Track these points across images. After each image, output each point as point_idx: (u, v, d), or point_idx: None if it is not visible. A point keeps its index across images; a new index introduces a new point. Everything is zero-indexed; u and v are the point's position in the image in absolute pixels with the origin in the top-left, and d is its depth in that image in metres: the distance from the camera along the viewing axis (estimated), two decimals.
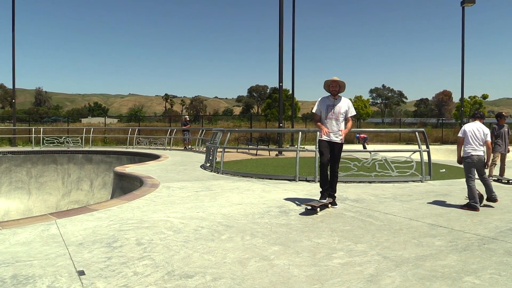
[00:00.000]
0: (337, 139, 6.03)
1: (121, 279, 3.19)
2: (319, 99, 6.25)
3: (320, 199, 5.91)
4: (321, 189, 6.02)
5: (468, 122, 6.56)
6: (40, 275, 3.26)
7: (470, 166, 6.26)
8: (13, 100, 25.37)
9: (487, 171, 6.78)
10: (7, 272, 3.30)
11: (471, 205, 5.97)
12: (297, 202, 6.47)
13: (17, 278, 3.18)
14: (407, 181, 8.87)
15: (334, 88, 6.07)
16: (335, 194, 6.24)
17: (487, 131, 6.37)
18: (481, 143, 6.25)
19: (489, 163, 6.51)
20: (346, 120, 6.18)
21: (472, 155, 6.22)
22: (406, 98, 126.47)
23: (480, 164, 6.27)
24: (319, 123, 6.19)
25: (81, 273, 3.31)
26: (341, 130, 6.03)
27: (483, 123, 6.51)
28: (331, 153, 6.03)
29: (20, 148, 21.03)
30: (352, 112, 6.17)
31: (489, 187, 6.33)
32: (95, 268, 3.42)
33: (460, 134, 6.44)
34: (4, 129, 29.21)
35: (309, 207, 5.70)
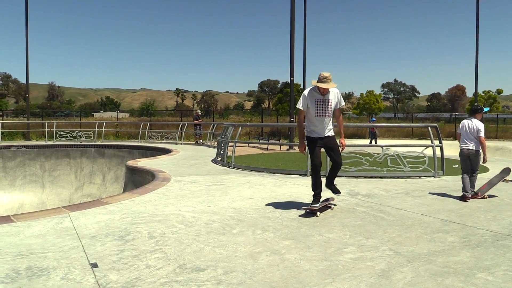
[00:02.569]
0: (329, 132, 5.32)
1: (134, 271, 3.22)
2: (306, 92, 5.25)
3: (312, 204, 5.23)
4: (313, 193, 5.34)
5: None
6: (54, 267, 3.30)
7: (461, 159, 6.68)
8: (27, 95, 25.68)
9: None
10: (22, 264, 3.36)
11: (462, 195, 6.32)
12: (308, 196, 6.46)
13: (32, 270, 3.23)
14: (419, 177, 8.80)
15: (324, 92, 5.16)
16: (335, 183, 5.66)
17: (481, 127, 6.44)
18: (472, 138, 6.46)
19: (486, 158, 6.61)
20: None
21: (462, 149, 6.57)
22: (418, 92, 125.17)
23: (472, 159, 6.50)
24: (301, 127, 5.46)
25: (94, 265, 3.35)
26: (342, 143, 5.48)
27: (481, 118, 6.66)
28: (327, 148, 5.36)
29: (33, 142, 21.29)
30: (342, 103, 5.35)
31: (470, 184, 6.42)
32: (107, 261, 3.46)
33: (457, 130, 6.76)
34: (18, 123, 29.59)
35: (307, 210, 5.23)
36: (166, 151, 16.00)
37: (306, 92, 5.26)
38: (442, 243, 4.02)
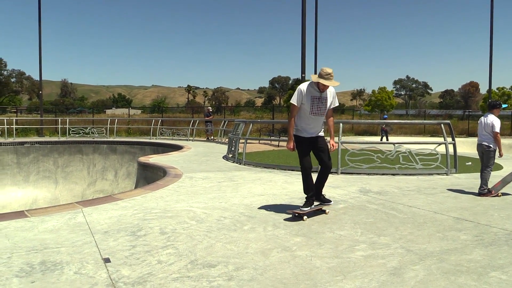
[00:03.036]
0: (320, 133, 5.01)
1: (146, 267, 3.25)
2: (303, 87, 4.82)
3: (302, 207, 4.91)
4: (306, 196, 5.04)
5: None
6: (67, 261, 3.34)
7: (478, 155, 6.78)
8: (40, 92, 26.00)
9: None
10: (36, 258, 3.41)
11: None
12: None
13: (45, 264, 3.27)
14: (431, 174, 8.72)
15: (324, 89, 4.80)
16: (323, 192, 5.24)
17: (496, 122, 6.42)
18: (486, 134, 6.50)
19: (502, 152, 6.61)
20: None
21: (477, 144, 6.69)
22: (431, 89, 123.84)
23: (485, 154, 6.54)
24: (292, 123, 4.89)
25: (107, 260, 3.38)
26: (333, 145, 5.08)
27: (498, 114, 6.65)
28: (317, 149, 4.99)
29: (47, 139, 21.54)
30: (336, 103, 5.00)
31: (482, 180, 6.48)
32: (120, 256, 3.49)
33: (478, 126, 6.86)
34: (31, 120, 29.95)
35: (296, 214, 4.83)
36: (178, 148, 16.07)
37: (303, 87, 4.82)
38: (454, 241, 3.99)
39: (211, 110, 23.91)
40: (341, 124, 9.55)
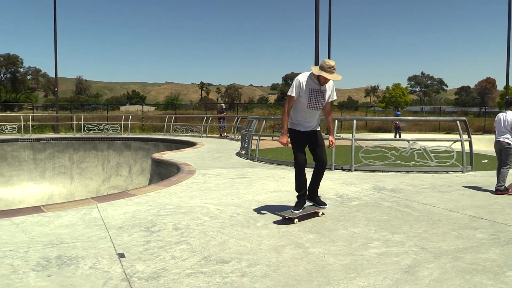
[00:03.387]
0: (316, 127, 4.77)
1: (159, 262, 3.27)
2: (302, 79, 4.49)
3: (293, 209, 4.60)
4: (297, 194, 4.75)
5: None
6: (82, 256, 3.39)
7: (495, 152, 6.69)
8: (56, 89, 26.34)
9: None
10: (52, 253, 3.46)
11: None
12: (333, 191, 6.42)
13: (61, 259, 3.32)
14: (447, 172, 8.62)
15: (326, 82, 4.51)
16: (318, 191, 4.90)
17: None
18: (505, 131, 6.43)
19: None
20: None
21: (495, 141, 6.60)
22: (446, 86, 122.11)
23: (503, 151, 6.45)
24: (287, 116, 4.57)
25: (121, 255, 3.42)
26: (332, 142, 4.90)
27: None
28: (312, 143, 4.71)
29: (62, 135, 21.83)
30: (334, 96, 4.71)
31: (500, 177, 6.40)
32: (134, 251, 3.52)
33: (494, 123, 6.75)
34: (47, 117, 30.36)
35: (286, 217, 4.53)
36: (191, 144, 16.14)
37: (302, 78, 4.48)
38: (470, 239, 3.94)
39: (224, 107, 23.95)
40: (354, 121, 9.48)
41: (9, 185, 17.36)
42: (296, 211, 4.55)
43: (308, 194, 4.80)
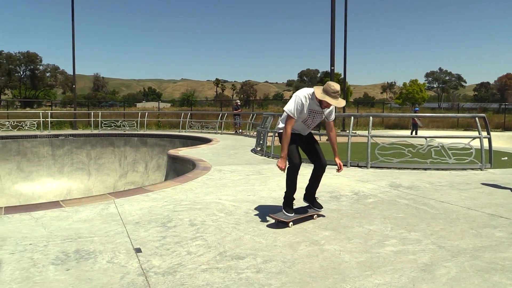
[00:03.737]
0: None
1: (175, 257, 3.30)
2: (304, 99, 4.19)
3: (287, 211, 4.30)
4: (287, 199, 4.39)
5: None
6: (100, 251, 3.44)
7: None
8: (73, 86, 26.70)
9: None
10: (70, 247, 3.52)
11: None
12: (348, 188, 6.38)
13: (80, 253, 3.38)
14: (465, 169, 8.49)
15: (328, 106, 4.26)
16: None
17: None
18: None
19: None
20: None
21: None
22: (465, 82, 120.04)
23: None
24: (287, 138, 4.18)
25: (138, 250, 3.46)
26: (340, 165, 4.54)
27: None
28: (306, 141, 4.53)
29: (80, 131, 22.14)
30: (333, 117, 4.48)
31: None
32: (150, 246, 3.56)
33: None
34: (65, 113, 30.84)
35: (279, 220, 4.26)
36: (206, 141, 16.21)
37: (304, 99, 4.20)
38: (489, 238, 3.87)
39: (239, 104, 23.99)
40: (370, 118, 9.40)
41: (29, 180, 17.69)
42: (290, 214, 4.29)
43: (306, 195, 4.62)
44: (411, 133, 21.24)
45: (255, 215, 4.69)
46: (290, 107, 4.19)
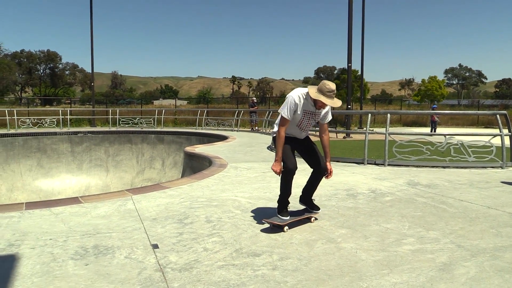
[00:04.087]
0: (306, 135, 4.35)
1: (192, 254, 3.33)
2: (298, 99, 4.01)
3: (281, 215, 4.09)
4: (280, 204, 4.17)
5: None
6: (118, 246, 3.48)
7: None
8: (92, 83, 27.04)
9: None
10: (89, 242, 3.57)
11: None
12: (366, 186, 6.33)
13: (98, 248, 3.42)
14: (485, 167, 8.33)
15: (323, 106, 4.07)
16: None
17: None
18: None
19: None
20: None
21: None
22: (485, 78, 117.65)
23: None
24: (282, 141, 4.01)
25: (155, 246, 3.49)
26: (330, 171, 4.28)
27: None
28: (304, 149, 4.32)
29: (98, 128, 22.44)
30: (329, 117, 4.26)
31: None
32: (167, 243, 3.59)
33: None
34: (84, 111, 31.29)
35: (274, 224, 4.03)
36: (223, 138, 16.26)
37: (298, 99, 4.01)
38: (510, 238, 3.79)
39: (255, 101, 24.01)
40: (388, 115, 9.29)
41: (49, 176, 18.02)
42: (285, 217, 4.05)
43: (302, 196, 4.41)
44: (431, 131, 20.95)
45: (271, 212, 4.68)
46: (283, 108, 4.03)
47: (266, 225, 4.13)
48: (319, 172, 4.26)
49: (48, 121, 22.40)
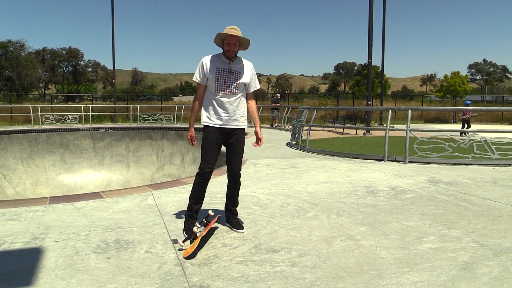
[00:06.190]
0: (237, 122, 3.87)
1: (211, 249, 3.35)
2: (206, 58, 3.70)
3: (186, 229, 3.64)
4: (188, 212, 3.71)
5: None
6: (139, 241, 3.54)
7: None
8: (113, 80, 27.39)
9: None
10: (111, 237, 3.64)
11: None
12: (385, 183, 6.26)
13: (119, 243, 3.48)
14: (509, 165, 8.14)
15: (232, 48, 3.63)
16: (236, 209, 4.03)
17: None
18: None
19: None
20: (244, 96, 3.89)
21: None
22: (510, 73, 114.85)
23: None
24: (196, 107, 3.84)
25: (175, 241, 3.53)
26: (260, 138, 4.04)
27: None
28: (227, 145, 3.94)
29: (119, 125, 22.74)
30: (256, 85, 3.94)
31: None
32: None
33: None
34: (105, 107, 31.74)
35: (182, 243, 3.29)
36: None
37: (206, 58, 3.70)
38: None
39: (279, 97, 24.01)
40: (409, 111, 9.15)
41: (71, 171, 18.36)
42: (185, 244, 3.33)
43: (226, 209, 4.04)
44: (462, 128, 20.53)
45: (290, 209, 4.68)
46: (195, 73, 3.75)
47: (288, 221, 4.14)
48: (230, 176, 4.01)
49: (71, 118, 22.80)
